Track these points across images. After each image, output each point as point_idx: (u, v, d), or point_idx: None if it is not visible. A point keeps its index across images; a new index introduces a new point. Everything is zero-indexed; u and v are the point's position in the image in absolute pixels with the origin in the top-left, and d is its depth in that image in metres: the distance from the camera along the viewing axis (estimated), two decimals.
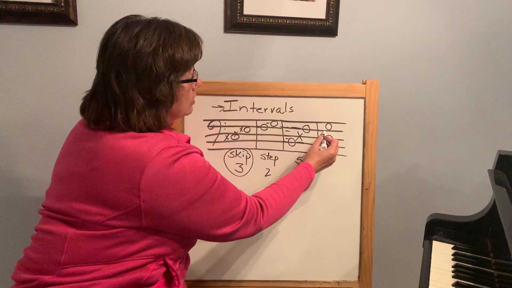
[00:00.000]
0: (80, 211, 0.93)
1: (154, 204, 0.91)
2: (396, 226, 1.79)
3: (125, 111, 0.93)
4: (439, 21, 1.63)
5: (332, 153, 1.30)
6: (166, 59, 0.94)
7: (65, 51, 1.46)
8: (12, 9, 1.37)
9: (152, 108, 0.95)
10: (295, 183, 1.20)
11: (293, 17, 1.55)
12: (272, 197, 1.12)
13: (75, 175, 0.95)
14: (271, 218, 1.10)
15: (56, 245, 0.93)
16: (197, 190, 0.94)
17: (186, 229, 0.97)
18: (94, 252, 0.92)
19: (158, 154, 0.90)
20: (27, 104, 1.47)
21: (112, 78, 0.92)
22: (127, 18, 0.98)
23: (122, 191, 0.90)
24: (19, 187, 1.52)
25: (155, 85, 0.94)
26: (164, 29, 0.96)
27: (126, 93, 0.92)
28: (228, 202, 1.00)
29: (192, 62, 1.01)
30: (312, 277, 1.41)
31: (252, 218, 1.04)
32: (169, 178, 0.91)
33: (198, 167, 0.95)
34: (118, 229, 0.92)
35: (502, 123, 1.74)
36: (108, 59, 0.93)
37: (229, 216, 1.00)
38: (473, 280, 1.12)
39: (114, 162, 0.90)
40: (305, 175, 1.23)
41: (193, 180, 0.93)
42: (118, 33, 0.94)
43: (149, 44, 0.92)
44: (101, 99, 0.95)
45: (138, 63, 0.92)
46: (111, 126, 0.94)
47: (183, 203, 0.93)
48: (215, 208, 0.97)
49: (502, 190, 1.19)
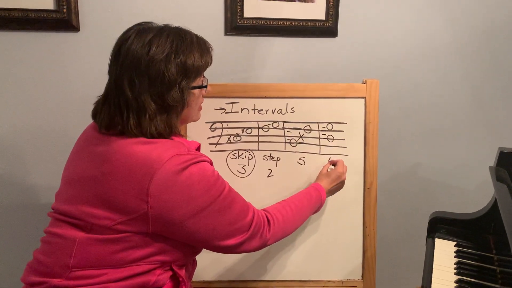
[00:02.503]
0: (89, 215, 0.94)
1: (161, 210, 0.91)
2: (398, 224, 1.80)
3: (137, 116, 0.94)
4: (439, 20, 1.64)
5: (339, 171, 1.30)
6: (178, 65, 0.95)
7: (68, 57, 1.48)
8: (15, 16, 1.39)
9: (163, 113, 0.96)
10: (304, 201, 1.19)
11: (293, 19, 1.56)
12: (280, 212, 1.11)
13: (85, 178, 0.96)
14: (277, 233, 1.09)
15: (65, 248, 0.94)
16: (204, 199, 0.94)
17: (192, 238, 0.97)
18: (102, 256, 0.93)
19: (168, 161, 0.91)
20: (31, 109, 1.48)
21: (125, 84, 0.94)
22: (140, 24, 1.00)
23: (131, 196, 0.91)
24: (25, 191, 1.54)
25: (167, 91, 0.95)
26: (176, 36, 0.97)
27: (138, 98, 0.94)
28: (235, 214, 0.99)
29: (203, 69, 1.03)
30: (316, 276, 1.42)
31: (258, 232, 1.03)
32: (177, 185, 0.91)
33: (206, 176, 0.95)
34: (126, 233, 0.93)
35: (502, 120, 1.74)
36: (121, 65, 0.95)
37: (236, 227, 0.99)
38: (475, 277, 1.13)
39: (124, 167, 0.92)
40: (315, 195, 1.23)
41: (201, 188, 0.94)
42: (131, 40, 0.95)
43: (162, 50, 0.94)
44: (113, 104, 0.96)
45: (151, 69, 0.93)
46: (123, 131, 0.95)
47: (190, 211, 0.93)
48: (222, 219, 0.97)
49: (503, 187, 1.20)
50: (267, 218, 1.07)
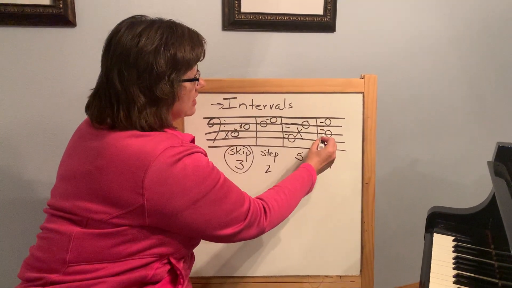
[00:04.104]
0: (85, 210, 0.94)
1: (157, 203, 0.92)
2: (397, 219, 1.80)
3: (127, 108, 0.94)
4: (437, 15, 1.63)
5: (330, 150, 1.30)
6: (168, 57, 0.95)
7: (64, 52, 1.47)
8: (11, 12, 1.38)
9: (153, 106, 0.96)
10: (297, 184, 1.20)
11: (291, 14, 1.55)
12: (274, 199, 1.12)
13: (79, 174, 0.96)
14: (274, 220, 1.11)
15: (62, 244, 0.94)
16: (199, 189, 0.95)
17: (189, 229, 0.98)
18: (98, 250, 0.93)
19: (162, 153, 0.91)
20: (27, 105, 1.48)
21: (115, 75, 0.94)
22: (133, 17, 1.00)
23: (126, 190, 0.91)
24: (22, 187, 1.53)
25: (156, 83, 0.95)
26: (167, 28, 0.97)
27: (127, 90, 0.94)
28: (231, 203, 1.00)
29: (194, 62, 1.02)
30: (314, 272, 1.42)
31: (255, 220, 1.04)
32: (172, 177, 0.91)
33: (201, 167, 0.96)
34: (122, 227, 0.93)
35: (501, 115, 1.75)
36: (111, 57, 0.95)
37: (232, 217, 1.00)
38: (473, 272, 1.13)
39: (118, 160, 0.91)
40: (307, 176, 1.24)
41: (196, 179, 0.94)
42: (122, 32, 0.95)
43: (151, 42, 0.94)
44: (104, 97, 0.96)
45: (139, 61, 0.93)
46: (113, 124, 0.95)
47: (186, 202, 0.94)
48: (218, 209, 0.98)
49: (502, 182, 1.20)
50: (263, 207, 1.08)
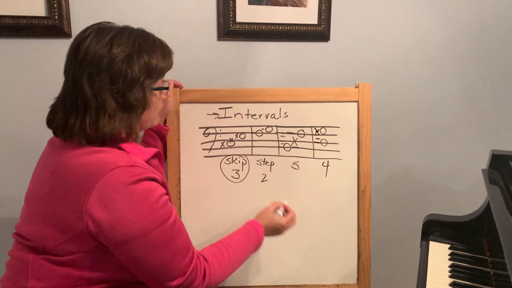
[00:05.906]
0: (39, 235, 0.90)
1: (98, 230, 0.86)
2: (393, 227, 1.80)
3: (95, 115, 0.90)
4: (432, 23, 1.65)
5: (283, 224, 1.23)
6: (142, 64, 0.94)
7: (60, 64, 1.45)
8: (6, 23, 1.38)
9: (123, 113, 0.93)
10: (243, 244, 1.13)
11: (286, 23, 1.56)
12: (217, 262, 1.04)
13: (36, 196, 0.93)
14: (211, 284, 1.01)
15: (22, 271, 0.91)
16: (140, 225, 0.86)
17: (129, 265, 0.90)
18: (58, 277, 0.89)
19: (107, 175, 0.85)
20: (23, 116, 1.47)
21: (84, 82, 0.91)
22: (99, 24, 0.98)
23: (70, 213, 0.86)
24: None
25: (129, 89, 0.92)
26: (138, 35, 0.96)
27: (98, 96, 0.90)
28: (172, 253, 0.91)
29: (166, 70, 1.02)
30: (311, 281, 1.42)
31: (192, 282, 0.95)
32: (114, 203, 0.85)
33: (150, 197, 0.88)
34: (76, 254, 0.89)
35: (495, 122, 1.76)
36: (80, 63, 0.92)
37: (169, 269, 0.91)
38: (470, 280, 1.13)
39: (64, 182, 0.88)
40: (254, 236, 1.17)
41: (139, 212, 0.86)
42: (90, 38, 0.93)
43: (124, 49, 0.92)
44: (70, 104, 0.92)
45: (112, 67, 0.91)
46: (75, 133, 0.90)
47: (125, 236, 0.86)
48: (155, 255, 0.89)
49: (496, 189, 1.21)
50: (204, 270, 0.99)
